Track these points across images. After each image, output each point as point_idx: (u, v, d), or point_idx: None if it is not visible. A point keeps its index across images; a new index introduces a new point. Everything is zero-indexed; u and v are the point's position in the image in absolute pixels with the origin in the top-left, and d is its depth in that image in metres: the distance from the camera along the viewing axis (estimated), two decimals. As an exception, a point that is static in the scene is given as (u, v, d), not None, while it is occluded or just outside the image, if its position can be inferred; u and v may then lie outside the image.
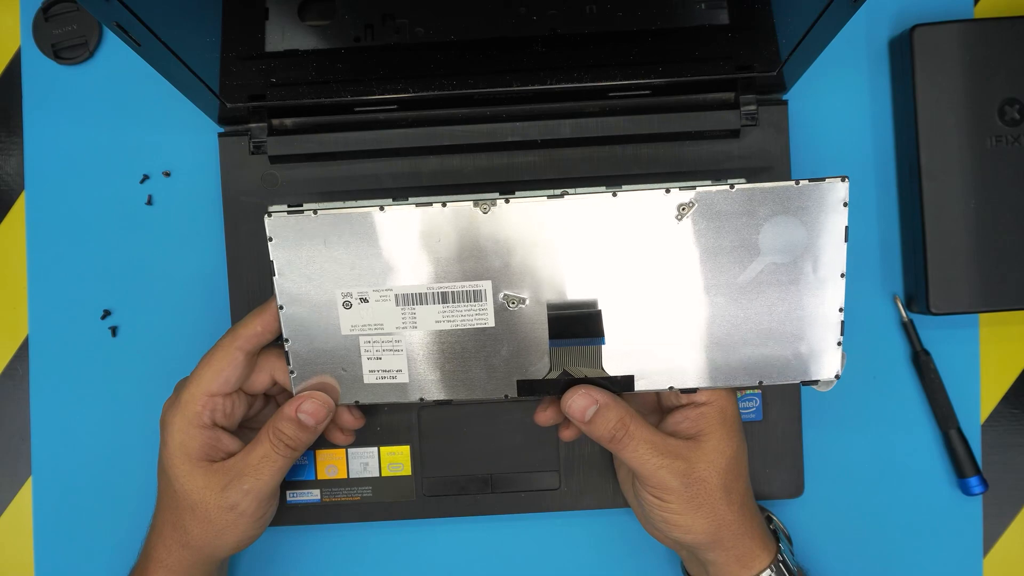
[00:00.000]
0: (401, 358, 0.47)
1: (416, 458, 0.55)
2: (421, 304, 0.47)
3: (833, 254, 0.46)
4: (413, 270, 0.46)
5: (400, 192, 0.55)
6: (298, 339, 0.47)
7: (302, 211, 0.46)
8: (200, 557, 0.49)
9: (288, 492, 0.55)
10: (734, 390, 0.49)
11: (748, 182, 0.45)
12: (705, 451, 0.47)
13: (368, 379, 0.48)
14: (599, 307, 0.47)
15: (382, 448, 0.55)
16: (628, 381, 0.47)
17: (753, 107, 0.53)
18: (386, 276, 0.46)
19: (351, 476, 0.55)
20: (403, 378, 0.48)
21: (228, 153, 0.55)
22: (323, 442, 0.52)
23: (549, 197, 0.45)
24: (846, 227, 0.45)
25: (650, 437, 0.47)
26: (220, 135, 0.55)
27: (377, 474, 0.55)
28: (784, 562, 0.49)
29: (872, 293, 0.57)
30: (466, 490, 0.55)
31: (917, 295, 0.55)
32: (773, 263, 0.46)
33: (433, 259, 0.46)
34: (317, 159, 0.54)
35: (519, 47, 0.48)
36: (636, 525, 0.55)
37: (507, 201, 0.45)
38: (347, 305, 0.47)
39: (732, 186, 0.45)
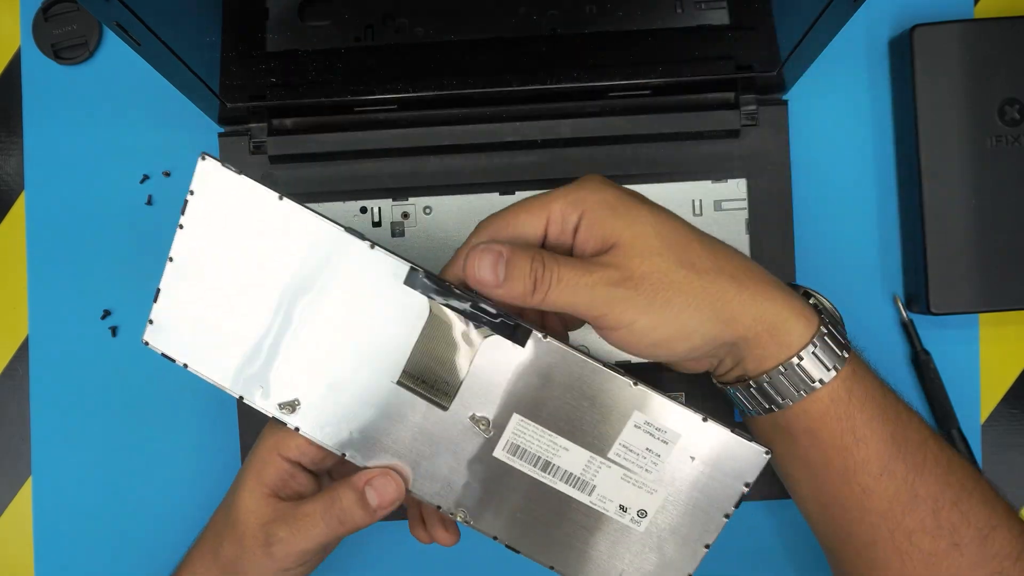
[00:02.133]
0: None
1: (416, 458, 0.55)
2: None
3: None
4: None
5: (400, 192, 0.54)
6: None
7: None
8: None
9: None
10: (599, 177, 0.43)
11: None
12: (624, 247, 0.40)
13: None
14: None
15: (382, 448, 0.55)
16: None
17: (753, 107, 0.53)
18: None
19: (351, 476, 0.55)
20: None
21: (228, 153, 0.55)
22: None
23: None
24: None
25: (571, 261, 0.40)
26: (220, 135, 0.55)
27: (377, 474, 0.55)
28: (830, 334, 0.42)
29: (872, 293, 0.57)
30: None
31: (917, 295, 0.55)
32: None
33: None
34: (317, 159, 0.54)
35: (519, 47, 0.48)
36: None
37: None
38: None
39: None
